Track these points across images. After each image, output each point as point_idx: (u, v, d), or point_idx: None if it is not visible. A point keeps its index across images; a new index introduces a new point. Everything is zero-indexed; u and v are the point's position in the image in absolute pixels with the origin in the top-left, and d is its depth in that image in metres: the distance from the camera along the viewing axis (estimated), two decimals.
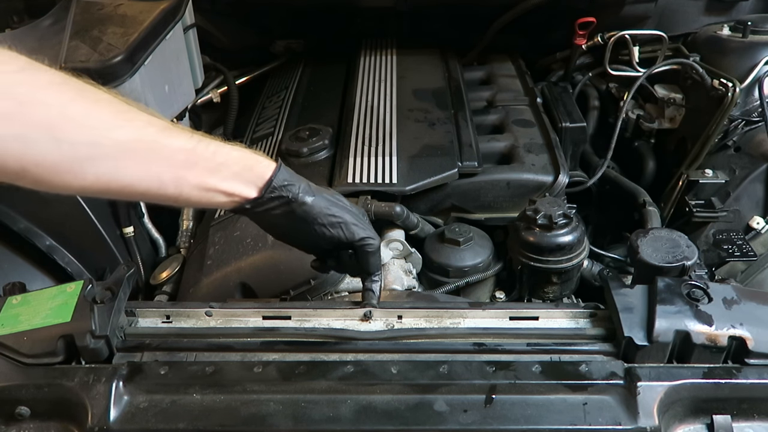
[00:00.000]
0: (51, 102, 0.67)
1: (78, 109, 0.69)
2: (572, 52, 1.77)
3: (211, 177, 0.78)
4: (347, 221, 0.88)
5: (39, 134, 0.66)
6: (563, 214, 1.12)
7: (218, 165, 0.79)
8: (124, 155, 0.72)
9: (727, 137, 1.52)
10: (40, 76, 0.68)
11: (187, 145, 0.76)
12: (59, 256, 1.27)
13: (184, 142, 0.76)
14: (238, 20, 1.99)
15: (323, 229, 0.87)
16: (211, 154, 0.78)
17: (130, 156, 0.72)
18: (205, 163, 0.77)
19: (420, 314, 0.92)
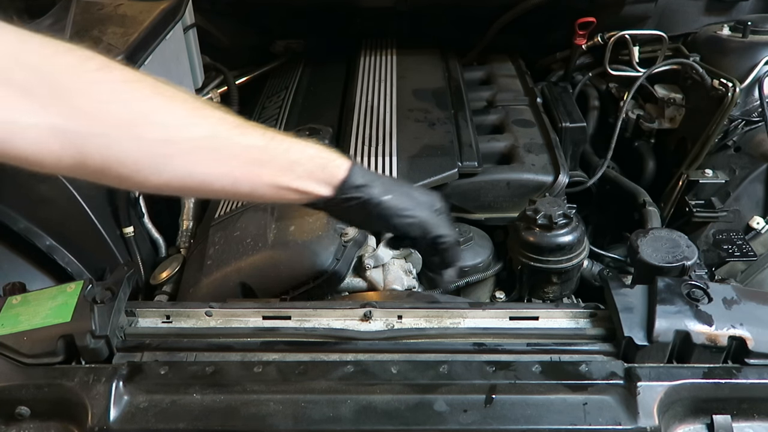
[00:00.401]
0: (129, 99, 0.68)
1: (154, 107, 0.69)
2: (572, 52, 1.77)
3: (284, 175, 0.78)
4: (422, 219, 0.87)
5: (120, 132, 0.67)
6: (563, 214, 1.12)
7: (291, 163, 0.78)
8: (198, 152, 0.72)
9: (727, 137, 1.52)
10: (118, 75, 0.68)
11: (260, 142, 0.76)
12: (59, 256, 1.27)
13: (257, 140, 0.76)
14: (238, 20, 1.99)
15: (398, 225, 0.86)
16: (284, 151, 0.78)
17: (205, 153, 0.72)
18: (278, 160, 0.77)
19: (420, 314, 0.92)
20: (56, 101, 0.64)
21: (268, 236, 1.20)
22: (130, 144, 0.68)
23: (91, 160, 0.67)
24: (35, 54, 0.64)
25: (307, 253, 1.16)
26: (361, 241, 1.21)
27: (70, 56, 0.66)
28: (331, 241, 1.17)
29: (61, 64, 0.65)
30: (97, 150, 0.67)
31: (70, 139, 0.65)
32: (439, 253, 0.90)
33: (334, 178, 0.82)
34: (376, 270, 1.22)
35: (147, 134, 0.69)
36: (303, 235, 1.18)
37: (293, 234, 1.19)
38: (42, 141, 0.64)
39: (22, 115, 0.62)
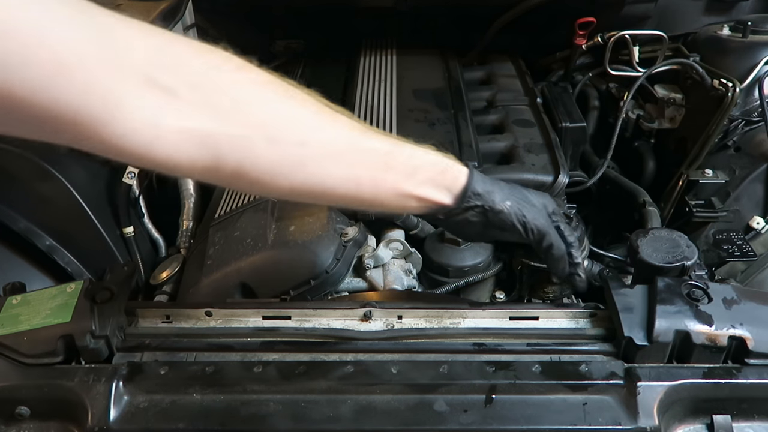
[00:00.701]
0: (267, 101, 0.67)
1: (288, 109, 0.69)
2: (572, 52, 1.77)
3: (407, 181, 0.77)
4: (539, 227, 0.86)
5: (258, 134, 0.66)
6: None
7: (414, 168, 0.77)
8: (328, 156, 0.71)
9: (727, 137, 1.52)
10: (255, 76, 0.68)
11: (384, 147, 0.75)
12: (59, 256, 1.27)
13: (382, 144, 0.75)
14: (238, 20, 1.99)
15: (514, 233, 0.85)
16: (407, 157, 0.77)
17: (334, 157, 0.72)
18: (401, 166, 0.76)
19: (420, 314, 0.92)
20: (198, 102, 0.63)
21: (268, 236, 1.20)
22: (266, 147, 0.67)
23: (225, 164, 0.66)
24: (179, 55, 0.63)
25: (307, 253, 1.16)
26: (361, 241, 1.21)
27: (210, 57, 0.65)
28: (331, 241, 1.17)
29: (203, 65, 0.64)
30: (233, 153, 0.65)
31: (207, 143, 0.64)
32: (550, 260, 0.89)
33: (456, 185, 0.81)
34: (376, 270, 1.22)
35: (283, 137, 0.68)
36: (303, 235, 1.18)
37: (293, 234, 1.19)
38: (180, 145, 0.63)
39: (166, 118, 0.61)
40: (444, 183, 0.80)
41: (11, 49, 0.50)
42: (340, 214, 1.24)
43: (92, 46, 0.55)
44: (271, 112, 0.68)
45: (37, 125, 0.57)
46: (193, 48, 0.64)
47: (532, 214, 0.85)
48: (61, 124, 0.56)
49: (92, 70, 0.55)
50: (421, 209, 0.81)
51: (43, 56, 0.52)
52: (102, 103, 0.57)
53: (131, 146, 0.60)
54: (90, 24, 0.56)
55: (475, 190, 0.81)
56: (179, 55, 0.63)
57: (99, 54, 0.56)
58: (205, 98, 0.63)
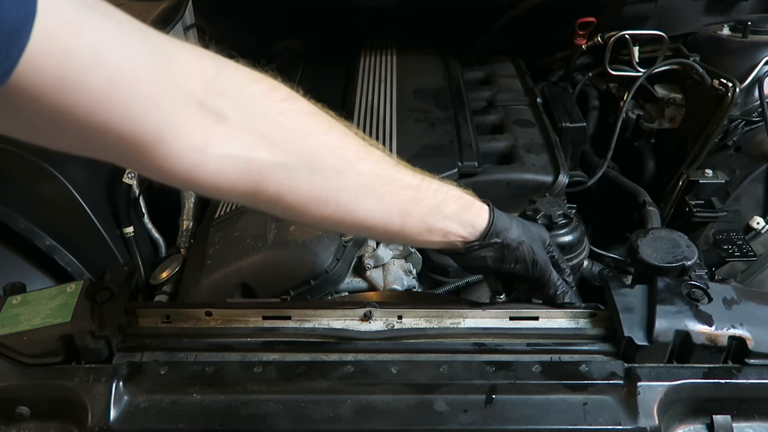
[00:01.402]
0: (311, 132, 0.69)
1: (331, 140, 0.70)
2: (572, 52, 1.77)
3: (432, 215, 0.79)
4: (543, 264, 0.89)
5: (299, 163, 0.67)
6: (563, 214, 1.12)
7: (439, 203, 0.80)
8: (363, 187, 0.73)
9: (727, 137, 1.52)
10: (302, 106, 0.70)
11: (414, 181, 0.78)
12: (59, 256, 1.27)
13: (412, 178, 0.78)
14: (238, 20, 1.99)
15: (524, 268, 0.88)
16: (434, 191, 0.79)
17: (369, 188, 0.74)
18: (428, 200, 0.79)
19: (420, 314, 0.92)
20: (246, 129, 0.64)
21: (268, 236, 1.20)
22: (306, 176, 0.68)
23: (265, 190, 0.67)
24: (230, 80, 0.64)
25: (307, 253, 1.16)
26: (361, 241, 1.21)
27: (260, 85, 0.66)
28: (331, 241, 1.17)
29: (253, 92, 0.65)
30: (274, 180, 0.67)
31: (251, 169, 0.65)
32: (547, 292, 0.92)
33: (478, 221, 0.83)
34: (376, 270, 1.22)
35: (324, 167, 0.69)
36: (303, 235, 1.18)
37: (293, 234, 1.19)
38: (223, 170, 0.64)
39: (215, 145, 0.62)
40: (467, 218, 0.83)
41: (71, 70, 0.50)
42: None
43: (149, 70, 0.56)
44: (315, 142, 0.69)
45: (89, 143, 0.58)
46: (245, 75, 0.66)
47: (539, 250, 0.89)
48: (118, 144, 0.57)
49: (147, 93, 0.56)
50: (443, 244, 0.84)
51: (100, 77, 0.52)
52: (154, 127, 0.58)
53: (176, 169, 0.61)
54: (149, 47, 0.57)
55: (497, 227, 0.84)
56: (232, 82, 0.64)
57: (156, 77, 0.57)
58: (253, 126, 0.64)
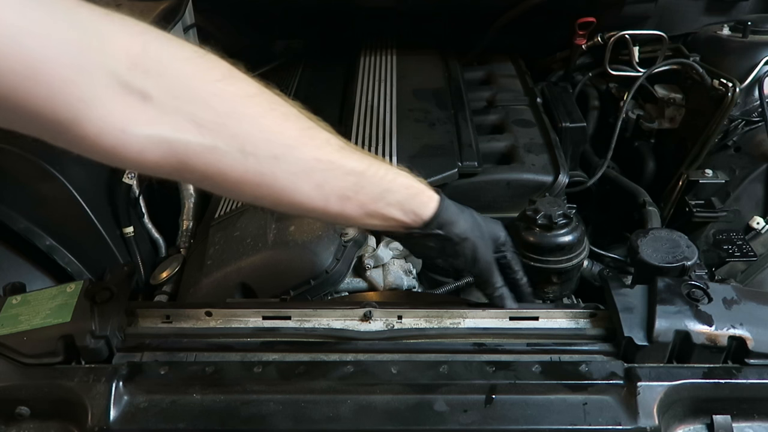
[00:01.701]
0: (246, 115, 0.68)
1: (268, 124, 0.69)
2: (572, 52, 1.77)
3: (375, 202, 0.79)
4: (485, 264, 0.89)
5: (229, 146, 0.66)
6: (563, 214, 1.12)
7: (383, 191, 0.79)
8: (301, 173, 0.72)
9: (727, 137, 1.52)
10: (239, 87, 0.68)
11: (359, 166, 0.76)
12: (59, 256, 1.27)
13: (357, 163, 0.76)
14: (238, 20, 1.99)
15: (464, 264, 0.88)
16: (379, 178, 0.78)
17: (306, 174, 0.72)
18: (371, 187, 0.78)
19: (420, 314, 0.92)
20: (172, 110, 0.63)
21: (268, 236, 1.20)
22: (237, 159, 0.67)
23: (193, 169, 0.67)
24: (158, 58, 0.62)
25: (307, 253, 1.16)
26: (361, 241, 1.21)
27: (193, 64, 0.65)
28: (331, 241, 1.17)
29: (187, 71, 0.64)
30: (201, 161, 0.66)
31: (175, 151, 0.64)
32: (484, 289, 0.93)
33: (424, 211, 0.83)
34: (376, 270, 1.22)
35: (256, 151, 0.68)
36: (303, 235, 1.18)
37: (293, 234, 1.19)
38: (147, 149, 0.63)
39: (137, 126, 0.61)
40: (411, 207, 0.82)
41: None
42: None
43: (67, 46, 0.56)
44: (249, 125, 0.68)
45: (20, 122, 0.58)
46: (181, 52, 0.64)
47: (483, 249, 0.88)
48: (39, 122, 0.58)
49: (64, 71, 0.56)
50: (384, 228, 0.83)
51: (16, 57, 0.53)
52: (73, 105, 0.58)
53: (97, 148, 0.61)
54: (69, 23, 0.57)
55: (441, 220, 0.83)
56: (163, 60, 0.63)
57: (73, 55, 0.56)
58: (180, 107, 0.63)
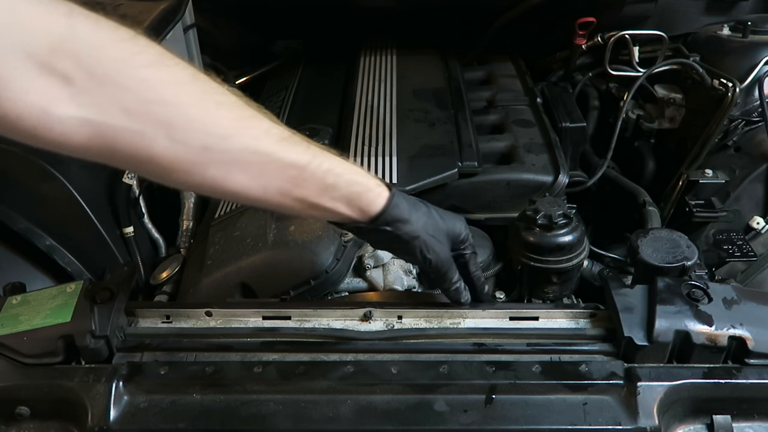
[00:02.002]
0: (174, 102, 0.66)
1: (198, 112, 0.68)
2: (572, 52, 1.77)
3: (318, 196, 0.77)
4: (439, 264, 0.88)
5: (157, 132, 0.65)
6: (563, 214, 1.12)
7: (327, 186, 0.77)
8: (234, 164, 0.71)
9: (727, 137, 1.52)
10: (169, 73, 0.66)
11: (301, 160, 0.75)
12: (59, 256, 1.27)
13: (299, 157, 0.75)
14: (238, 20, 1.99)
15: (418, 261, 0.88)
16: (323, 173, 0.77)
17: (240, 165, 0.71)
18: (315, 181, 0.76)
19: (420, 314, 0.92)
20: (95, 94, 0.62)
21: (268, 236, 1.20)
22: (165, 145, 0.66)
23: (122, 153, 0.66)
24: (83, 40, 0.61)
25: (307, 253, 1.16)
26: (361, 241, 1.21)
27: (121, 47, 0.63)
28: (331, 241, 1.17)
29: (109, 56, 0.63)
30: (129, 145, 0.65)
31: (100, 132, 0.63)
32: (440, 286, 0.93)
33: (371, 208, 0.82)
34: (376, 270, 1.22)
35: (185, 139, 0.67)
36: (303, 235, 1.18)
37: (293, 234, 1.19)
38: (71, 131, 0.62)
39: (58, 107, 0.61)
40: (359, 204, 0.81)
41: None
42: None
43: None
44: (177, 113, 0.66)
45: None
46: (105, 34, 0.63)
47: (437, 248, 0.87)
48: None
49: None
50: (330, 219, 0.83)
51: None
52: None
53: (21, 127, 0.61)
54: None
55: (389, 218, 0.82)
56: (86, 41, 0.61)
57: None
58: (104, 91, 0.62)
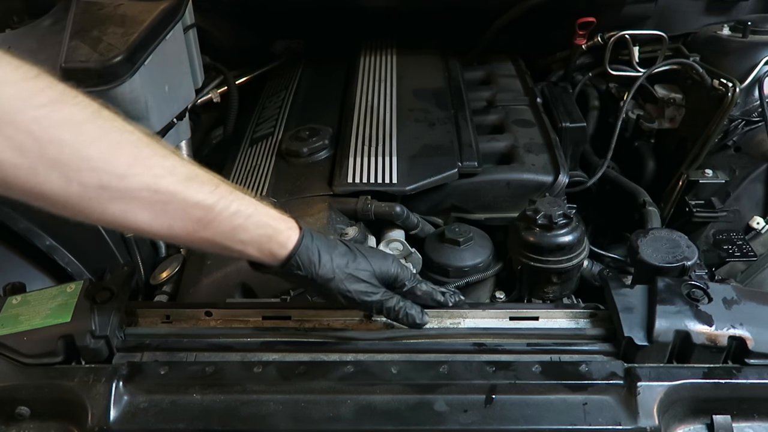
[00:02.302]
0: (69, 142, 0.66)
1: (94, 152, 0.67)
2: (572, 52, 1.77)
3: (225, 239, 0.76)
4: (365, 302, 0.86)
5: (50, 171, 0.65)
6: (563, 214, 1.12)
7: (235, 228, 0.76)
8: (135, 202, 0.70)
9: (727, 137, 1.52)
10: (66, 113, 0.66)
11: (206, 200, 0.74)
12: (59, 256, 1.27)
13: (204, 197, 0.74)
14: (238, 20, 1.99)
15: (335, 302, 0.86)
16: (231, 215, 0.75)
17: (141, 204, 0.70)
18: (221, 222, 0.75)
19: None
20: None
21: None
22: (60, 185, 0.66)
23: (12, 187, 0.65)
24: None
25: None
26: (361, 241, 1.21)
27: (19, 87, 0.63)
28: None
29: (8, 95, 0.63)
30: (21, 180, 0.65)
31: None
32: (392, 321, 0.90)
33: (280, 253, 0.80)
34: None
35: (80, 179, 0.67)
36: None
37: None
38: None
39: None
40: (269, 248, 0.80)
41: None
42: (340, 215, 1.24)
43: None
44: (73, 152, 0.66)
45: None
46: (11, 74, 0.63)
47: (356, 287, 0.85)
48: None
49: None
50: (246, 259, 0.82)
51: None
52: None
53: None
54: None
55: (300, 261, 0.81)
56: None
57: None
58: None
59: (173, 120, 1.44)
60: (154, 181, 0.70)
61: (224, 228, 0.76)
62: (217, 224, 0.75)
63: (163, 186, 0.71)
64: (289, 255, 0.80)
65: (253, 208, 0.78)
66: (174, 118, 1.45)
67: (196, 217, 0.73)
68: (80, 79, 1.18)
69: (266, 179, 1.37)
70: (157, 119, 1.35)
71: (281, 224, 0.81)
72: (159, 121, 1.36)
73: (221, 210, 0.75)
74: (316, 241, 0.83)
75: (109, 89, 1.21)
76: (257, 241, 0.79)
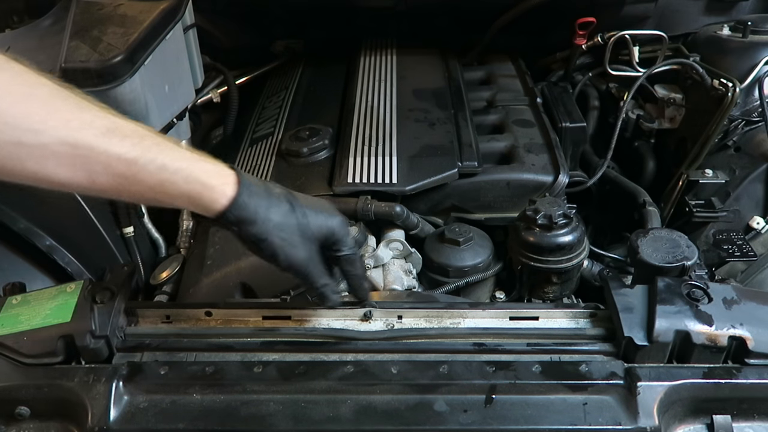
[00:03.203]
0: None
1: (4, 106, 0.64)
2: (572, 52, 1.77)
3: (153, 192, 0.74)
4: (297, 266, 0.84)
5: None
6: (563, 214, 1.12)
7: (162, 182, 0.73)
8: (54, 158, 0.67)
9: (727, 137, 1.52)
10: None
11: (128, 154, 0.70)
12: (59, 256, 1.27)
13: (127, 150, 0.70)
14: (238, 20, 1.99)
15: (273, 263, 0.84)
16: (156, 169, 0.72)
17: (60, 159, 0.67)
18: (146, 176, 0.72)
19: (420, 314, 0.92)
20: None
21: None
22: None
23: None
24: None
25: None
26: (361, 241, 1.21)
27: None
28: None
29: None
30: None
31: None
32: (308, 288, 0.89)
33: (213, 208, 0.77)
34: (376, 270, 1.22)
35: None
36: None
37: None
38: None
39: None
40: (200, 202, 0.77)
41: None
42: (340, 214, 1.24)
43: None
44: None
45: None
46: None
47: (290, 251, 0.82)
48: None
49: None
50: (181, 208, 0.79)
51: None
52: None
53: None
54: None
55: (231, 217, 0.78)
56: None
57: None
58: None
59: (173, 120, 1.44)
60: (71, 134, 0.67)
61: (151, 182, 0.72)
62: (142, 177, 0.71)
63: (81, 139, 0.68)
64: (221, 211, 0.77)
65: (186, 162, 0.74)
66: (174, 118, 1.45)
67: (119, 172, 0.70)
68: (80, 79, 1.18)
69: (266, 179, 1.37)
70: (157, 119, 1.35)
71: (215, 179, 0.77)
72: (159, 121, 1.36)
73: (145, 164, 0.71)
74: (255, 197, 0.79)
75: (109, 89, 1.21)
76: (186, 195, 0.75)
